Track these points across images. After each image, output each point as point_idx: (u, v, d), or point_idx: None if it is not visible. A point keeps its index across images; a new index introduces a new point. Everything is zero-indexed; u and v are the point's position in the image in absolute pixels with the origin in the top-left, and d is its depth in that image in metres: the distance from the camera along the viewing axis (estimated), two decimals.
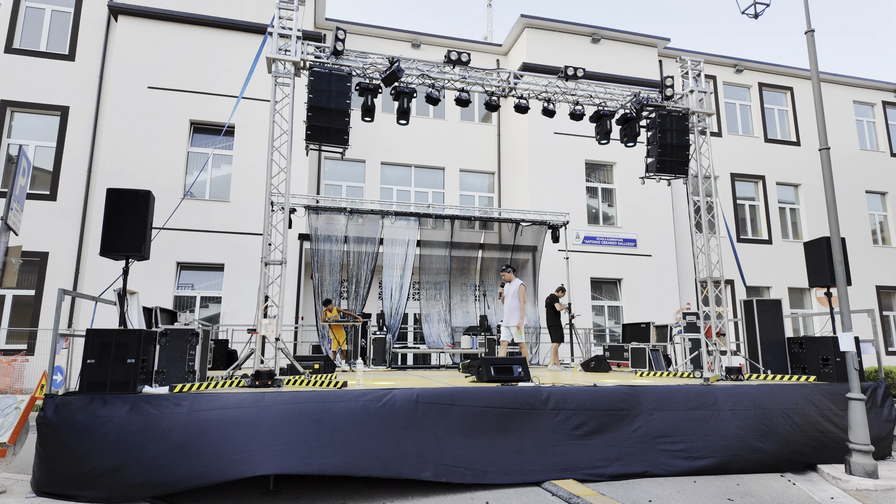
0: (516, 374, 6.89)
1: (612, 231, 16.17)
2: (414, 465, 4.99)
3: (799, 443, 6.26)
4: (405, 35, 17.27)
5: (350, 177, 16.50)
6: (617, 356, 11.46)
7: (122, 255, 5.55)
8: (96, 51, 14.24)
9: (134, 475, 4.54)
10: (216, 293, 13.55)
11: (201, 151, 14.13)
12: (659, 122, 8.27)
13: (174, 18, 14.18)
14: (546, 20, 16.68)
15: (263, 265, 6.48)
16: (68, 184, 13.49)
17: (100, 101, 14.00)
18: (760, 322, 8.01)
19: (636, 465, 5.71)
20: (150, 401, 4.94)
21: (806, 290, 18.08)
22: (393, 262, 13.22)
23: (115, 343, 5.13)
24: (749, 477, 5.92)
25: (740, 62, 19.01)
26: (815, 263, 7.62)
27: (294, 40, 6.97)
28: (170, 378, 5.77)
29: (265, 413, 4.99)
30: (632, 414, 5.94)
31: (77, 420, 4.67)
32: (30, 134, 13.71)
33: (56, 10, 14.35)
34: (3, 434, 4.66)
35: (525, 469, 5.26)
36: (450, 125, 17.39)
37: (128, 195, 5.59)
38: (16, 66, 13.67)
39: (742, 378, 7.47)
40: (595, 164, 16.66)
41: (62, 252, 13.04)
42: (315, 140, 6.86)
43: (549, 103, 8.37)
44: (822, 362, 7.32)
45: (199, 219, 13.39)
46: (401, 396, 5.42)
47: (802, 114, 19.52)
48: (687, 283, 16.73)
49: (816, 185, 18.87)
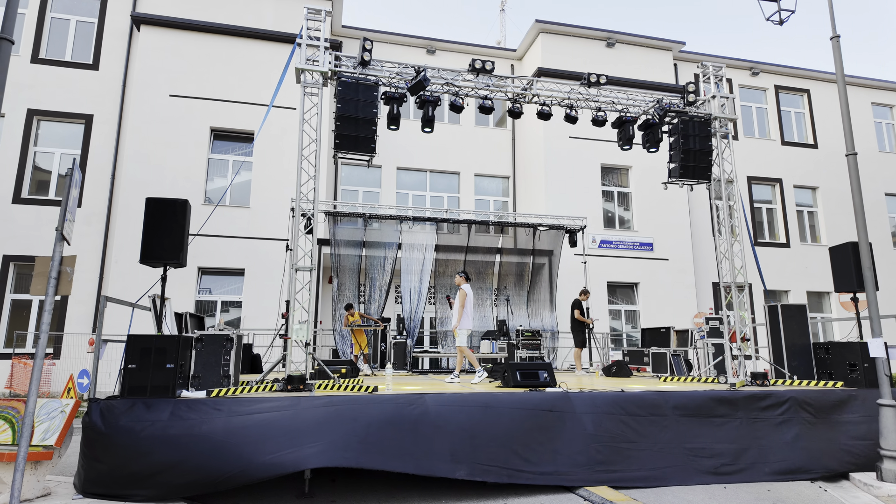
0: (542, 380, 6.95)
1: (629, 235, 16.16)
2: (448, 463, 5.08)
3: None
4: (420, 41, 17.42)
5: (366, 182, 16.64)
6: (637, 361, 11.44)
7: (160, 263, 5.69)
8: (119, 60, 14.52)
9: (177, 476, 4.66)
10: (236, 297, 13.73)
11: (222, 158, 14.35)
12: (681, 127, 8.30)
13: (195, 27, 14.42)
14: (561, 25, 16.75)
15: (294, 271, 6.59)
16: (92, 190, 13.74)
17: (123, 109, 14.26)
18: (785, 327, 8.00)
19: (668, 470, 5.73)
20: (190, 405, 5.06)
21: (825, 294, 17.93)
22: (410, 267, 13.32)
23: (154, 348, 5.26)
24: (780, 483, 5.92)
25: (756, 65, 18.95)
26: (841, 268, 7.60)
27: (322, 51, 7.10)
28: (205, 382, 5.89)
29: (303, 414, 5.09)
30: (661, 420, 5.97)
31: (121, 424, 4.80)
32: (55, 142, 14.00)
33: (80, 21, 14.66)
34: (50, 437, 4.79)
35: (560, 471, 5.31)
36: (465, 130, 17.49)
37: (166, 204, 5.73)
38: (42, 76, 13.98)
39: (768, 384, 7.46)
40: (611, 168, 16.67)
41: (87, 257, 13.27)
42: (343, 149, 6.97)
43: (572, 110, 8.43)
44: (849, 368, 7.29)
45: (220, 224, 13.58)
46: (432, 400, 5.50)
47: (820, 116, 19.40)
48: (704, 287, 16.67)
49: (834, 187, 18.73)
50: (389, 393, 5.81)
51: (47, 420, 4.89)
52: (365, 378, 8.84)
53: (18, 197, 13.31)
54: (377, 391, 6.03)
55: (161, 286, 5.80)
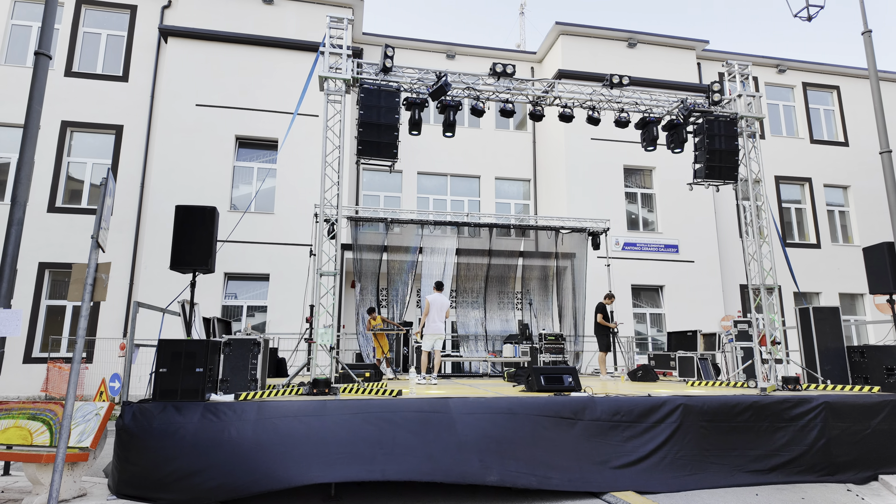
0: (567, 384, 6.89)
1: (653, 237, 15.93)
2: (477, 470, 5.05)
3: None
4: (440, 46, 17.51)
5: (387, 187, 16.76)
6: (663, 365, 11.26)
7: (189, 269, 5.82)
8: (148, 71, 14.93)
9: (208, 479, 4.75)
10: (262, 302, 13.94)
11: (247, 165, 14.62)
12: (706, 127, 8.17)
13: (219, 38, 14.75)
14: (581, 26, 16.65)
15: (318, 276, 6.67)
16: (122, 198, 14.13)
17: (151, 119, 14.66)
18: (818, 330, 7.79)
19: (695, 475, 5.63)
20: (219, 408, 5.15)
21: (859, 296, 17.40)
22: (432, 271, 13.35)
23: (184, 353, 5.37)
24: (814, 489, 5.76)
25: (782, 62, 18.54)
26: (876, 269, 7.38)
27: (345, 58, 7.19)
28: (233, 386, 6.00)
29: (327, 421, 5.14)
30: (687, 424, 5.87)
31: (154, 426, 4.91)
32: (88, 152, 14.45)
33: (111, 35, 15.13)
34: (85, 439, 4.93)
35: (586, 478, 5.26)
36: (485, 133, 17.50)
37: (195, 211, 5.87)
38: (75, 89, 14.45)
39: (800, 388, 7.27)
40: (634, 169, 16.48)
41: (117, 264, 13.63)
42: (366, 154, 7.05)
43: (594, 111, 8.37)
44: (886, 372, 7.06)
45: (245, 231, 13.81)
46: (457, 405, 5.49)
47: (850, 113, 18.88)
48: (731, 289, 16.32)
49: (867, 186, 18.18)
50: (413, 397, 5.82)
51: (83, 422, 5.03)
52: (388, 382, 8.89)
53: (53, 206, 13.77)
54: (401, 395, 6.06)
55: (190, 292, 5.93)
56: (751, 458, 5.91)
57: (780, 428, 6.08)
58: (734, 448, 5.92)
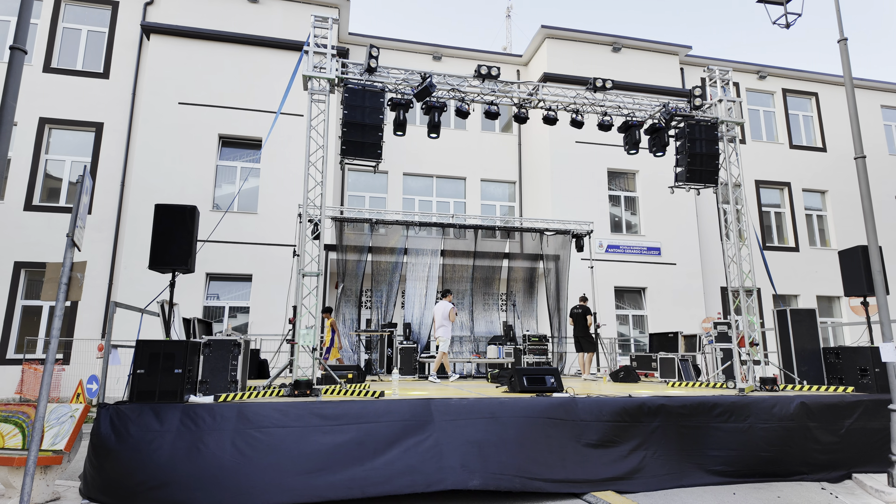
0: (549, 385, 6.92)
1: (636, 239, 16.10)
2: (459, 475, 5.02)
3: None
4: (426, 48, 17.51)
5: (373, 187, 16.71)
6: (644, 366, 11.38)
7: (169, 269, 5.73)
8: (129, 68, 14.70)
9: (178, 492, 4.61)
10: (244, 303, 13.79)
11: (230, 165, 14.47)
12: (688, 131, 8.28)
13: (203, 36, 14.58)
14: (566, 30, 16.78)
15: (301, 277, 6.62)
16: (102, 197, 13.88)
17: (132, 117, 14.43)
18: (795, 332, 7.94)
19: (674, 475, 5.70)
20: (198, 414, 5.00)
21: (835, 298, 17.75)
22: (417, 273, 13.33)
23: (163, 354, 5.29)
24: (789, 488, 5.87)
25: (763, 68, 18.87)
26: (851, 272, 7.54)
27: (329, 58, 7.16)
28: (213, 388, 5.92)
29: (306, 433, 5.02)
30: (666, 424, 5.94)
31: (129, 432, 4.80)
32: (66, 150, 14.18)
33: (92, 31, 14.87)
34: (59, 442, 4.83)
35: (569, 478, 5.28)
36: (471, 135, 17.53)
37: (175, 210, 5.79)
38: (54, 85, 14.17)
39: (777, 389, 7.40)
40: (617, 173, 16.64)
41: (96, 264, 13.38)
42: (350, 155, 7.02)
43: (578, 114, 8.44)
44: (860, 373, 7.21)
45: (228, 231, 13.64)
46: (439, 408, 5.47)
47: (828, 119, 19.28)
48: (713, 291, 16.55)
49: (844, 191, 18.58)
50: (395, 398, 5.80)
51: (57, 425, 4.93)
52: (371, 383, 8.85)
53: (30, 204, 13.48)
54: (383, 396, 6.04)
55: (170, 292, 5.85)
56: (728, 458, 6.00)
57: (757, 428, 6.18)
58: (713, 448, 6.00)
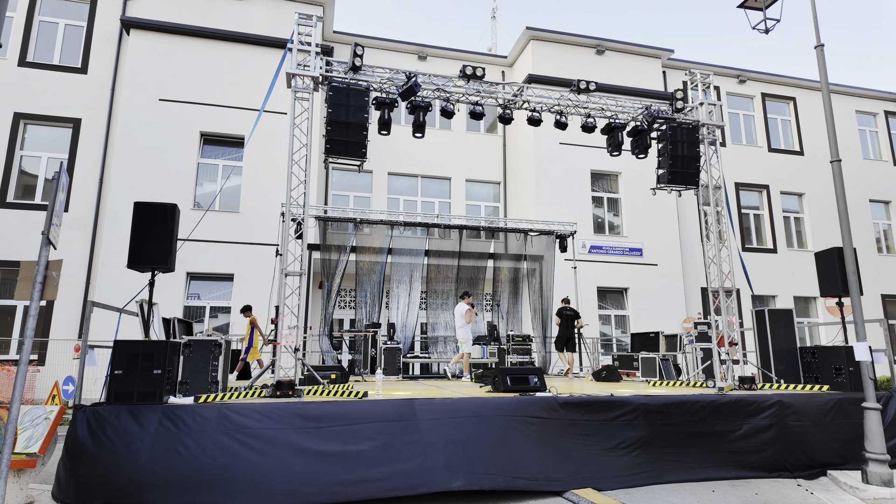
0: (532, 384, 6.96)
1: (618, 240, 16.26)
2: (443, 476, 5.01)
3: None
4: (412, 48, 17.48)
5: (357, 187, 16.63)
6: (626, 366, 11.50)
7: (148, 268, 5.64)
8: (108, 64, 14.42)
9: (156, 496, 4.52)
10: (226, 303, 13.62)
11: (211, 163, 14.28)
12: (670, 134, 8.39)
13: (185, 32, 14.37)
14: (551, 32, 16.89)
15: (283, 276, 6.56)
16: (80, 195, 13.60)
17: (111, 114, 14.16)
18: (773, 332, 8.09)
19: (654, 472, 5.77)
20: (178, 416, 4.92)
21: (812, 299, 18.14)
22: (401, 272, 13.30)
23: (141, 354, 5.20)
24: (767, 486, 5.97)
25: (743, 73, 19.21)
26: (826, 273, 7.70)
27: (313, 56, 7.11)
28: (193, 388, 5.83)
29: (288, 437, 4.96)
30: (646, 423, 6.01)
31: (107, 434, 4.69)
32: (42, 146, 13.85)
33: (69, 24, 14.56)
34: (33, 444, 4.71)
35: (550, 476, 5.31)
36: (456, 136, 17.55)
37: (155, 209, 5.69)
38: (29, 79, 13.84)
39: (755, 388, 7.54)
40: (600, 174, 16.80)
41: (74, 262, 13.11)
42: (334, 153, 6.98)
43: (562, 116, 8.49)
44: (835, 371, 7.38)
45: (209, 229, 13.46)
46: (422, 409, 5.46)
47: (806, 123, 19.70)
48: (693, 292, 16.80)
49: (820, 193, 19.00)
50: (379, 398, 5.78)
51: (31, 427, 4.81)
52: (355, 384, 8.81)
53: (4, 201, 13.14)
54: (367, 396, 6.01)
55: (149, 291, 5.75)
56: (707, 455, 6.10)
57: (735, 426, 6.29)
58: (692, 445, 6.10)
